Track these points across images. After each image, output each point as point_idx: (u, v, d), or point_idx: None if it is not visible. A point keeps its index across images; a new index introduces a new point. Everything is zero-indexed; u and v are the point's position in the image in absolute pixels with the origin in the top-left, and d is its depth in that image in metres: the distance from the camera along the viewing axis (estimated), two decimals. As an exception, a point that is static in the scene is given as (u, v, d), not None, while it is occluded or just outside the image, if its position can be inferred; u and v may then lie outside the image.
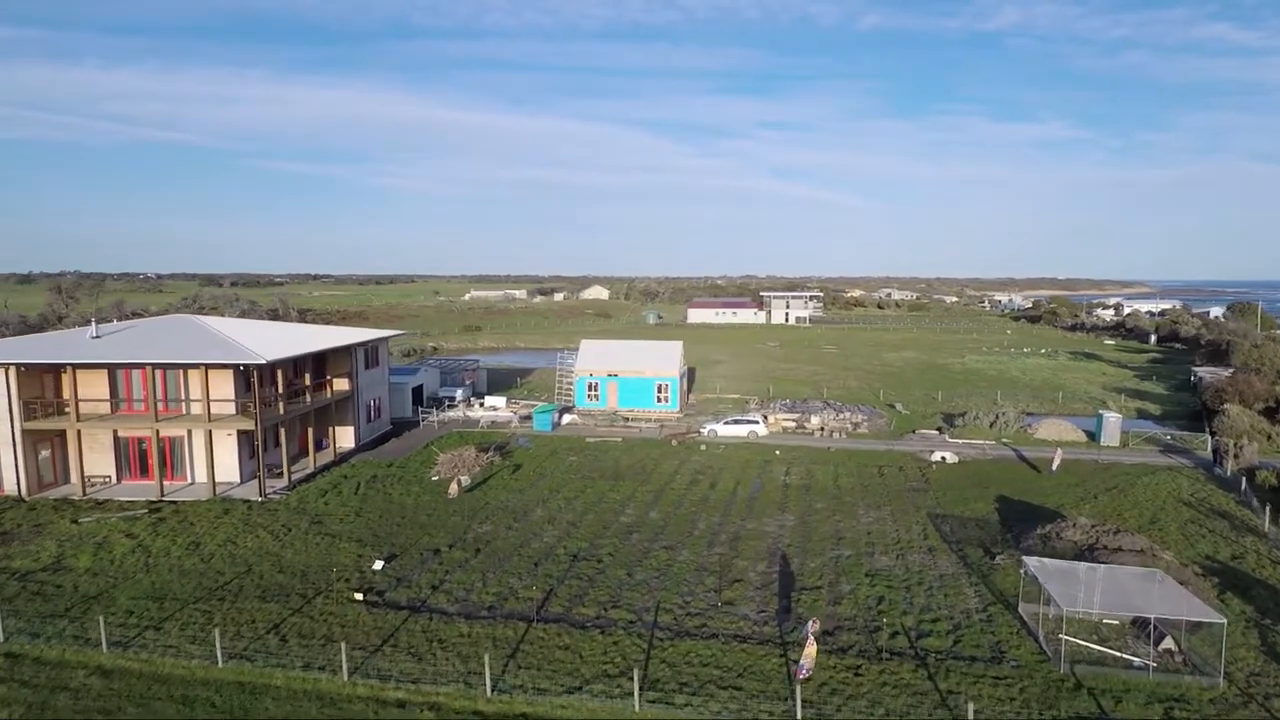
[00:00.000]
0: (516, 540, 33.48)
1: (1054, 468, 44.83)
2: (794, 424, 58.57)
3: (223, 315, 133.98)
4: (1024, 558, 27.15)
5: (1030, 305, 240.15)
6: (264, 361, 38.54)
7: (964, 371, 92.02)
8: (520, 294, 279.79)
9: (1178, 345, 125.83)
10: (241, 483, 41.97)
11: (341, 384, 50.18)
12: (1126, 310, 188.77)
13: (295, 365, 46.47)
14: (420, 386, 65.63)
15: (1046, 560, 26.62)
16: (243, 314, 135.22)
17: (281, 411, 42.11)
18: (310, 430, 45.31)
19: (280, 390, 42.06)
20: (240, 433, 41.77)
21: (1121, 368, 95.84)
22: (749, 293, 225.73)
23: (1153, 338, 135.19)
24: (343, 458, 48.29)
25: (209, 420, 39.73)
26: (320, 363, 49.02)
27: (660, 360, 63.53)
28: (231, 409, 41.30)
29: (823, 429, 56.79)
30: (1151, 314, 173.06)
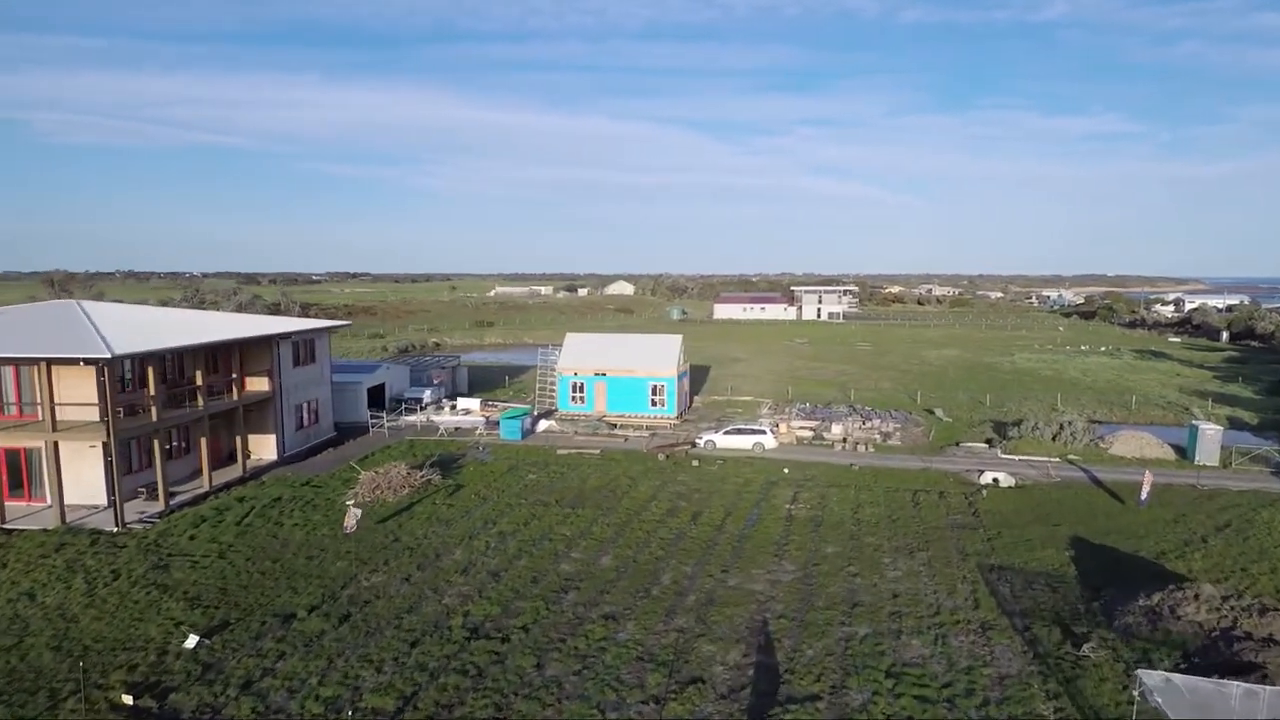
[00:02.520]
0: (407, 600, 24.52)
1: (1143, 497, 34.58)
2: (811, 434, 48.85)
3: (219, 309, 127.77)
4: (1140, 673, 17.35)
5: (1082, 301, 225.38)
6: (109, 355, 30.15)
7: (1014, 371, 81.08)
8: (546, 290, 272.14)
9: (1254, 343, 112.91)
10: (109, 506, 33.73)
11: (259, 384, 41.78)
12: (1189, 305, 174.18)
13: (191, 360, 38.11)
14: (381, 386, 57.20)
15: (1175, 676, 16.81)
16: (240, 307, 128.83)
17: (154, 418, 33.72)
18: (204, 441, 36.86)
19: (151, 392, 33.63)
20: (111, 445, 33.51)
21: (1197, 368, 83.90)
22: (783, 289, 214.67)
23: (1224, 335, 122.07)
24: (255, 473, 39.91)
25: (53, 429, 31.48)
26: (225, 359, 40.59)
27: (655, 357, 54.20)
28: (97, 414, 33.07)
29: (845, 440, 46.97)
30: (1219, 309, 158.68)
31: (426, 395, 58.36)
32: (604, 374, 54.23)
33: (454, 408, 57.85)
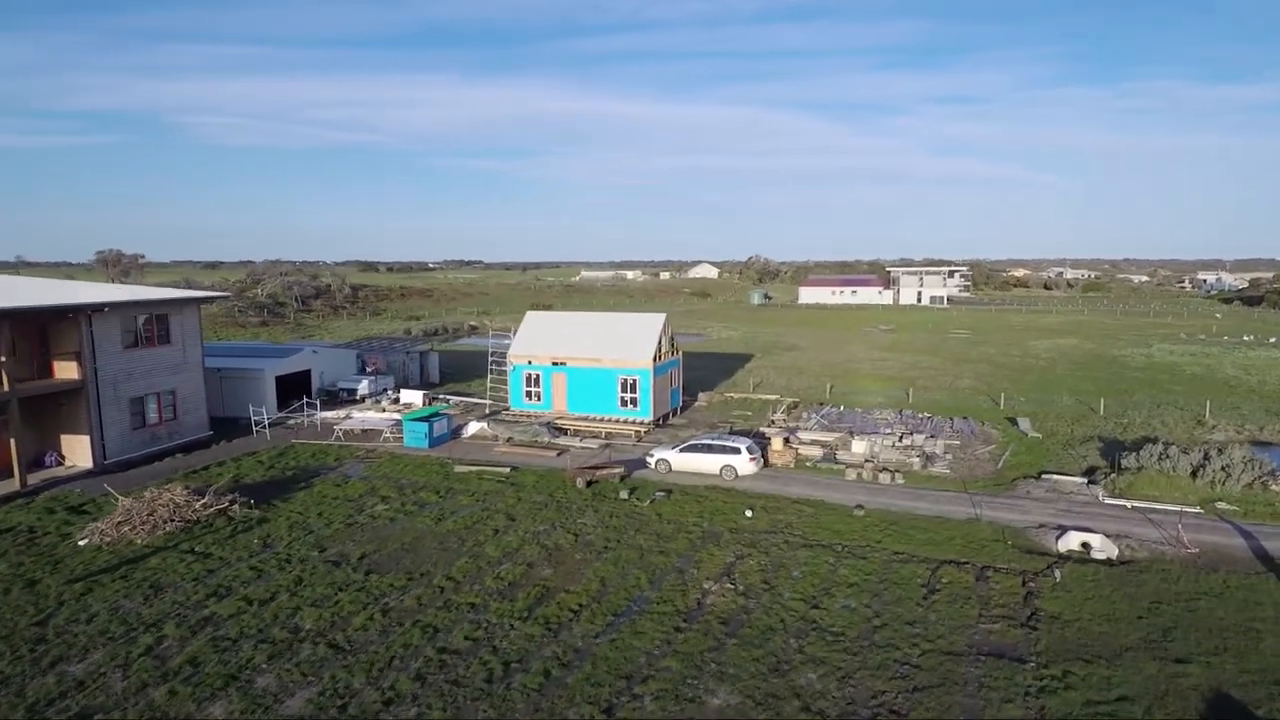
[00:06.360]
0: None
1: (1358, 603, 19.01)
2: (822, 452, 34.73)
3: (263, 287, 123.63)
4: None
5: (1245, 285, 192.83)
6: None
7: (1148, 367, 62.67)
8: (632, 274, 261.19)
9: None
10: None
11: (65, 370, 32.03)
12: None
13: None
14: (306, 374, 46.95)
15: None
16: (287, 288, 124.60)
17: None
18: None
19: None
20: None
21: None
22: (879, 271, 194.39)
23: None
24: (42, 487, 30.07)
25: None
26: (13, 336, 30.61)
27: (626, 343, 41.22)
28: None
29: (865, 464, 32.57)
30: None
31: (362, 386, 47.77)
32: (563, 363, 41.82)
33: (396, 400, 47.14)
